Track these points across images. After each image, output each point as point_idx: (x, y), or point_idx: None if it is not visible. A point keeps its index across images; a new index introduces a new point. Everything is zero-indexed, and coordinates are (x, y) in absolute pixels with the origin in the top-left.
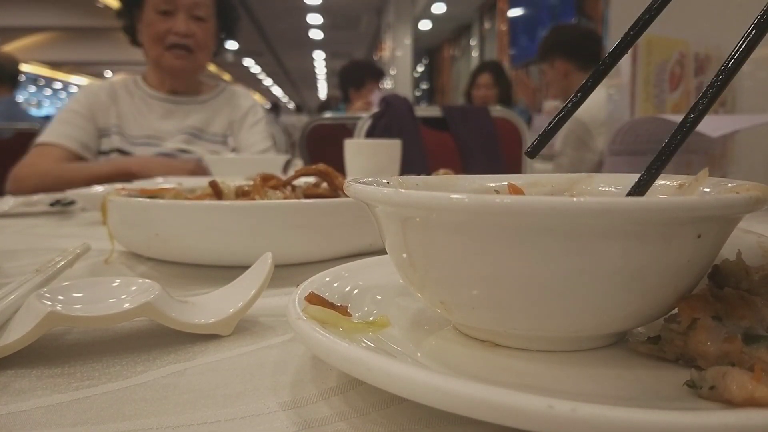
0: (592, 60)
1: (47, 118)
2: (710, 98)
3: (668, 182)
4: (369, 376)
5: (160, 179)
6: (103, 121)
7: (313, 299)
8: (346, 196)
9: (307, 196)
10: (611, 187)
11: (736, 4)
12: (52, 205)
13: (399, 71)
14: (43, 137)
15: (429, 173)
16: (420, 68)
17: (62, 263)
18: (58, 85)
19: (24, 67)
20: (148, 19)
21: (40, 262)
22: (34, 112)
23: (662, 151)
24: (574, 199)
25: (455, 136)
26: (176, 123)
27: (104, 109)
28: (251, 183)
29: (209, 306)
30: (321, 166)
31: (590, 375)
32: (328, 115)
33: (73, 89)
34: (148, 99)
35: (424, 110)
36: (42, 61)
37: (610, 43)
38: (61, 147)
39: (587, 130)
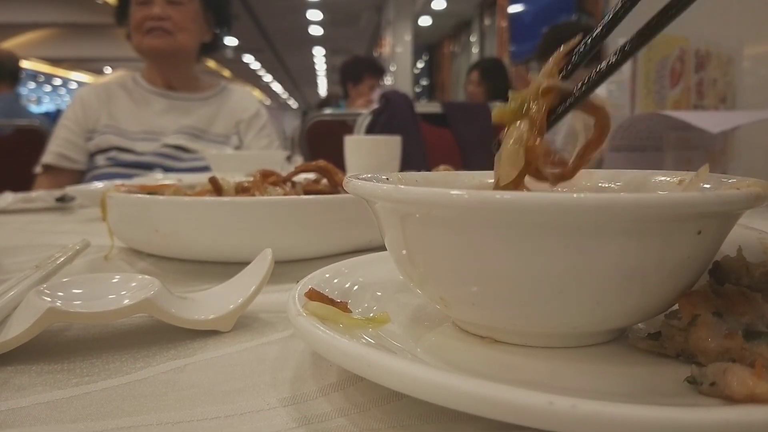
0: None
1: (47, 115)
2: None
3: (668, 178)
4: (369, 372)
5: (159, 176)
6: (93, 124)
7: (313, 295)
8: (346, 193)
9: (307, 193)
10: (611, 183)
11: (736, 1)
12: (57, 200)
13: (399, 68)
14: (44, 156)
15: (429, 169)
16: (420, 65)
17: (62, 259)
18: (57, 82)
19: (24, 64)
20: (131, 12)
21: (40, 258)
22: (34, 108)
23: None
24: (574, 195)
25: (455, 133)
26: (175, 119)
27: (94, 112)
28: (251, 179)
29: (209, 302)
30: (321, 163)
31: (590, 371)
32: (328, 111)
33: (73, 86)
34: (146, 94)
35: (424, 106)
36: (42, 58)
37: (610, 40)
38: (49, 166)
39: (588, 127)
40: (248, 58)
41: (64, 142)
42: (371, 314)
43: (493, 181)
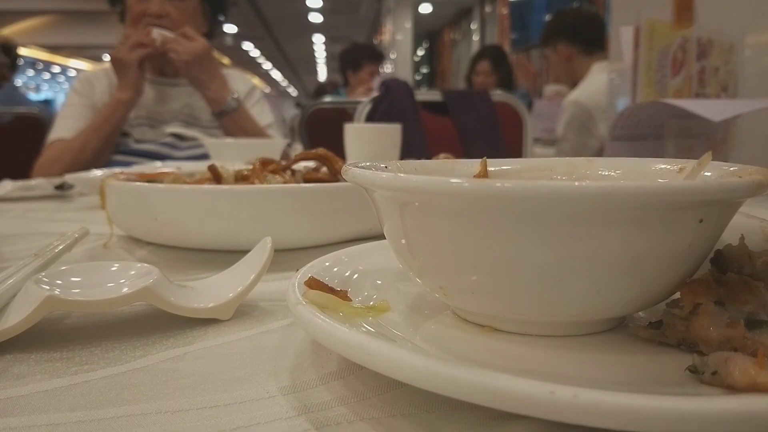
0: (595, 43)
1: (46, 102)
2: None
3: (669, 166)
4: (369, 361)
5: (159, 163)
6: (98, 102)
7: (313, 284)
8: (346, 181)
9: (306, 181)
10: (611, 172)
11: None
12: (57, 188)
13: (399, 55)
14: (52, 135)
15: (429, 158)
16: (420, 52)
17: (61, 248)
18: (56, 69)
19: (22, 51)
20: (128, 3)
21: (39, 246)
22: (33, 96)
23: None
24: (575, 183)
25: (456, 121)
26: (169, 106)
27: (98, 92)
28: (250, 167)
29: (208, 290)
30: (321, 151)
31: (591, 360)
32: (327, 99)
33: (72, 73)
34: None
35: (424, 94)
36: (40, 45)
37: (613, 27)
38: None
39: (590, 115)
40: (248, 46)
41: (84, 120)
42: (371, 303)
43: (493, 168)
